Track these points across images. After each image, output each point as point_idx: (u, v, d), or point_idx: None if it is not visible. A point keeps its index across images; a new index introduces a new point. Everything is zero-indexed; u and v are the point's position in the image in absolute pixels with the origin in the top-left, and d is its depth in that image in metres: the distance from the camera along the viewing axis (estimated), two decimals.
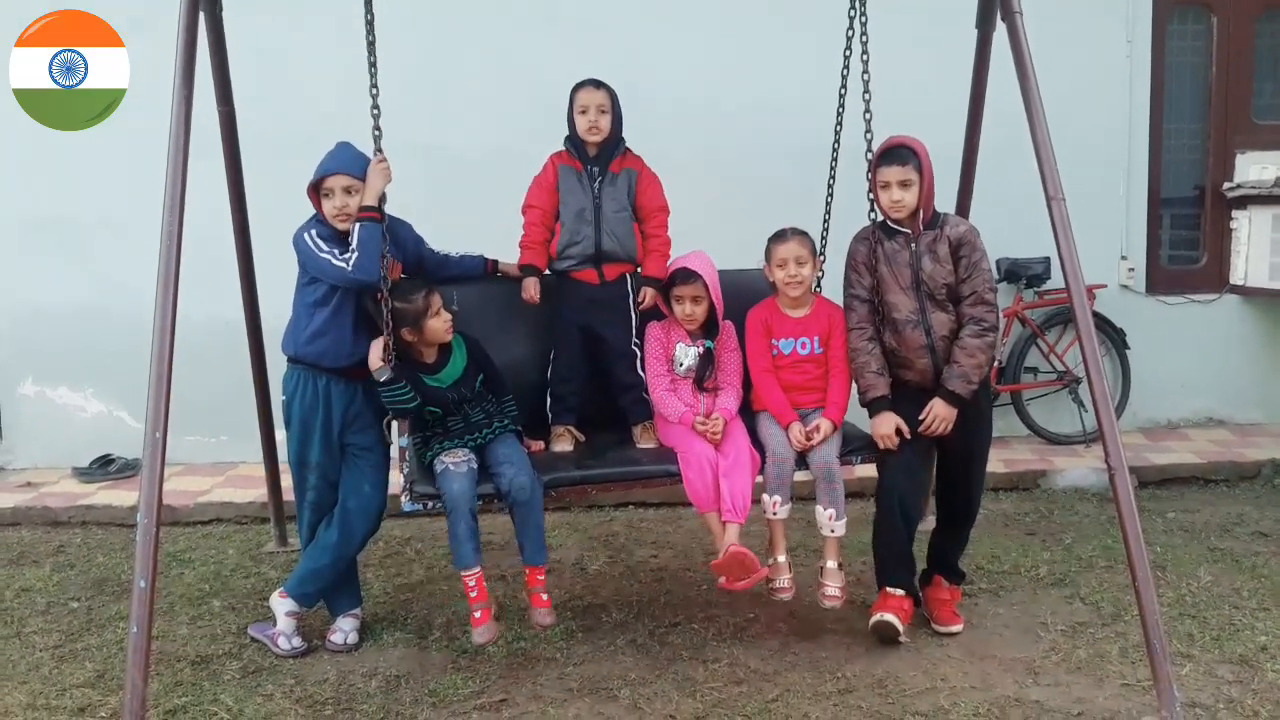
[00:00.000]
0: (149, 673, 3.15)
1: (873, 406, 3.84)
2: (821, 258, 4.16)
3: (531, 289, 4.07)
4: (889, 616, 3.77)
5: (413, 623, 4.16)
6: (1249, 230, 6.53)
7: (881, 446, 3.81)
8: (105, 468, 6.06)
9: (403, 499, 3.68)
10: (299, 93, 5.83)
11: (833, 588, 3.83)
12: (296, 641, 3.91)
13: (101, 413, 6.27)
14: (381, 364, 3.62)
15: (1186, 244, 6.95)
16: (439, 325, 3.72)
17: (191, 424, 5.85)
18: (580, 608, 4.28)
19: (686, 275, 3.93)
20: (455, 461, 3.63)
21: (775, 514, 3.78)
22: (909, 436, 3.78)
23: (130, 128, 5.10)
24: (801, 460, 3.85)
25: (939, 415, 3.75)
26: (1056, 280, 6.17)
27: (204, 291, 4.70)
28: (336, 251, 3.60)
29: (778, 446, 3.82)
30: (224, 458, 6.24)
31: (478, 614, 3.63)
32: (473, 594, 3.63)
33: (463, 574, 3.63)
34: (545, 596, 3.74)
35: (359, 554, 4.05)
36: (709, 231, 4.23)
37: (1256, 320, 6.75)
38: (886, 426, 3.79)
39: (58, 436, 6.22)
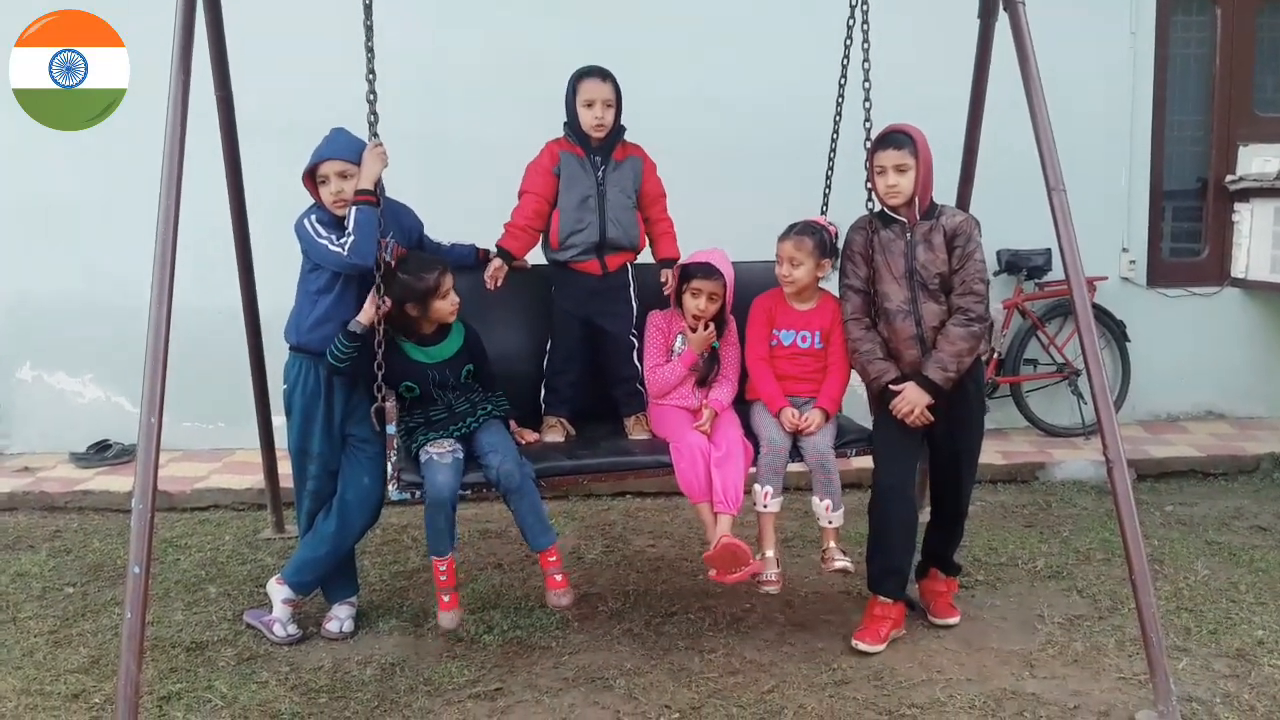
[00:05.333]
0: (143, 659, 3.15)
1: (890, 387, 3.73)
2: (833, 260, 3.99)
3: (496, 274, 3.95)
4: (868, 646, 3.73)
5: (409, 611, 4.15)
6: (1251, 223, 6.51)
7: (914, 421, 3.69)
8: (102, 453, 6.04)
9: (390, 488, 3.65)
10: (298, 79, 5.80)
11: (840, 560, 3.77)
12: (292, 629, 3.90)
13: (99, 398, 6.25)
14: (364, 323, 3.60)
15: (1188, 236, 6.94)
16: (445, 306, 3.70)
17: (189, 410, 5.87)
18: (576, 597, 4.26)
19: (709, 271, 3.88)
20: (440, 452, 3.58)
21: (765, 506, 3.75)
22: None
23: (127, 113, 5.07)
24: (796, 451, 3.82)
25: (908, 398, 3.69)
26: (1057, 272, 6.13)
27: (201, 277, 4.69)
28: (334, 237, 3.58)
29: (772, 436, 3.79)
30: (221, 444, 6.21)
31: (446, 598, 3.64)
32: (443, 579, 3.64)
33: (435, 560, 3.63)
34: (559, 576, 3.67)
35: (356, 543, 4.04)
36: (708, 224, 4.19)
37: (1257, 314, 6.74)
38: (920, 396, 3.68)
39: (55, 422, 6.21)
